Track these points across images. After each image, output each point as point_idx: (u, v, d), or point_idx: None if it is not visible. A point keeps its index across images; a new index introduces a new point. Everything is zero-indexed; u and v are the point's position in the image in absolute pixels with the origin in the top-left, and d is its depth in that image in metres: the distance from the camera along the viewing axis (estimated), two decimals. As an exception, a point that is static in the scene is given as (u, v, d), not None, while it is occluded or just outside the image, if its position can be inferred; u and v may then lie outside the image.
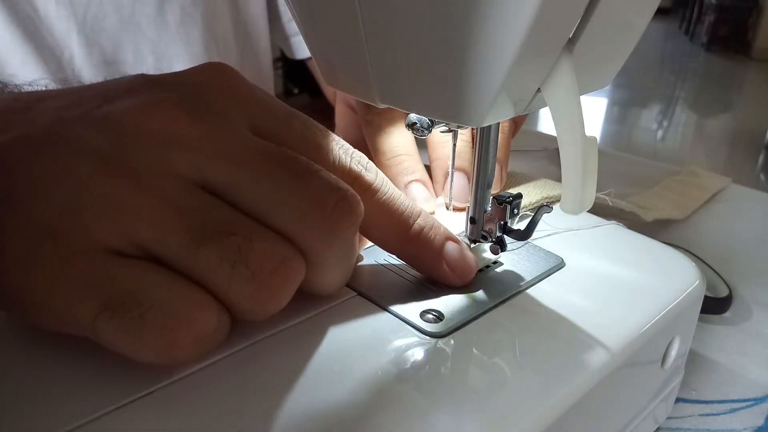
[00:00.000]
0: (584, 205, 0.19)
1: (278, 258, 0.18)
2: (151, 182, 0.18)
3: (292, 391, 0.19)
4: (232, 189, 0.19)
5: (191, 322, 0.17)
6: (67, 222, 0.18)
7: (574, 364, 0.21)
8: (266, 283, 0.18)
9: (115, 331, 0.17)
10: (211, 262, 0.18)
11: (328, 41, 0.22)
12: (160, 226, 0.18)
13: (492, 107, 0.18)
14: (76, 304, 0.18)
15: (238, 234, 0.18)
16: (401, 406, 0.18)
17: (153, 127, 0.19)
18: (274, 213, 0.19)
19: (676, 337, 0.26)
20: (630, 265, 0.27)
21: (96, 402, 0.18)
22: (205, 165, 0.19)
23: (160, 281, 0.18)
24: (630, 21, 0.21)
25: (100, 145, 0.19)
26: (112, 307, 0.17)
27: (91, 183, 0.18)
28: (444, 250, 0.23)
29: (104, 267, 0.18)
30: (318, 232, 0.19)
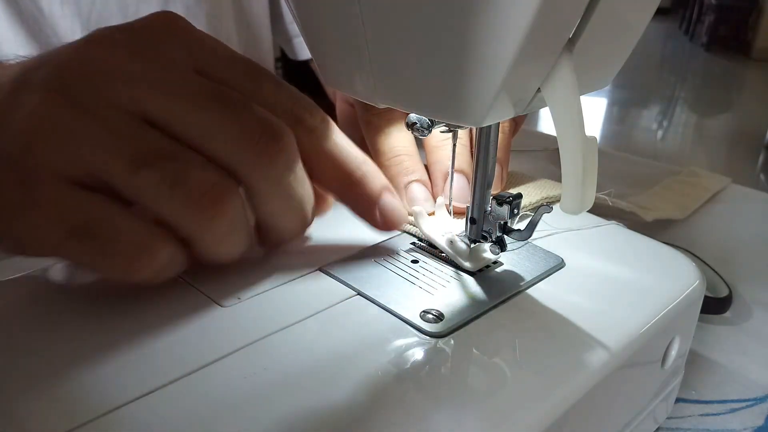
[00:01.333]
0: (584, 205, 0.19)
1: (213, 182, 0.20)
2: (94, 112, 0.20)
3: (292, 390, 0.19)
4: (169, 120, 0.21)
5: (151, 252, 0.20)
6: (23, 149, 0.20)
7: (574, 364, 0.21)
8: (202, 202, 0.20)
9: (83, 254, 0.20)
10: (151, 185, 0.20)
11: (328, 41, 0.22)
12: (103, 152, 0.20)
13: (492, 107, 0.18)
14: (44, 230, 0.20)
15: (174, 159, 0.20)
16: (401, 406, 0.19)
17: (96, 60, 0.21)
18: (208, 144, 0.21)
19: (676, 337, 0.26)
20: (630, 265, 0.27)
21: (96, 402, 0.18)
22: (143, 97, 0.21)
23: (122, 213, 0.20)
24: (630, 21, 0.21)
25: (50, 80, 0.21)
26: (78, 235, 0.20)
27: (41, 112, 0.20)
28: (380, 200, 0.24)
29: (68, 196, 0.20)
30: (249, 162, 0.21)
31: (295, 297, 0.23)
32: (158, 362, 0.20)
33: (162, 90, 0.21)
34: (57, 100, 0.20)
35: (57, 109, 0.20)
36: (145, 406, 0.18)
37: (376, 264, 0.25)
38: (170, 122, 0.21)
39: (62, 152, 0.20)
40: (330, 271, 0.25)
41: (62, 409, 0.18)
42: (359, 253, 0.26)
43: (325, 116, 0.24)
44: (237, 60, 0.23)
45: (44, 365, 0.20)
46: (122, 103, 0.20)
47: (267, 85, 0.23)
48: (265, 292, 0.23)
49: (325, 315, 0.22)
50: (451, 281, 0.24)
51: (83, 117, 0.20)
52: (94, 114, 0.20)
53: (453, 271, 0.25)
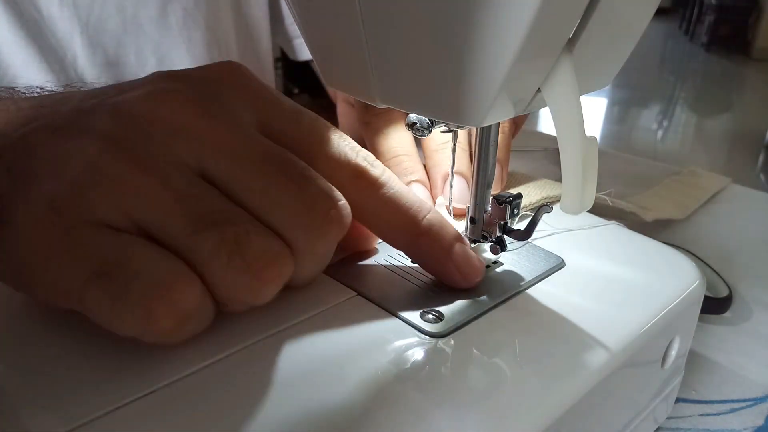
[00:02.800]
0: (584, 205, 0.19)
1: (273, 252, 0.19)
2: (155, 167, 0.19)
3: (293, 391, 0.19)
4: (231, 184, 0.20)
5: (171, 292, 0.18)
6: (73, 198, 0.19)
7: (574, 364, 0.21)
8: (260, 275, 0.19)
9: (100, 299, 0.18)
10: (208, 250, 0.19)
11: (328, 41, 0.22)
12: (160, 209, 0.19)
13: (492, 107, 0.18)
14: (67, 272, 0.18)
15: (235, 225, 0.19)
16: (401, 406, 0.18)
17: (161, 115, 0.20)
18: (268, 211, 0.20)
19: (676, 337, 0.26)
20: (630, 265, 0.27)
21: (96, 402, 0.18)
22: (207, 157, 0.20)
23: (148, 253, 0.18)
24: (630, 21, 0.21)
25: (110, 129, 0.20)
26: (100, 276, 0.18)
27: (99, 163, 0.19)
28: (453, 250, 0.23)
29: (96, 237, 0.19)
30: (307, 235, 0.20)
31: (295, 297, 0.23)
32: (158, 362, 0.20)
33: (225, 151, 0.20)
34: (116, 153, 0.19)
35: (117, 162, 0.19)
36: (145, 406, 0.18)
37: (376, 264, 0.25)
38: (232, 186, 0.20)
39: (115, 205, 0.19)
40: (330, 272, 0.25)
41: (62, 409, 0.18)
42: (359, 253, 0.26)
43: (384, 166, 0.23)
44: (301, 114, 0.23)
45: (44, 365, 0.20)
46: (185, 160, 0.20)
47: (331, 139, 0.22)
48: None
49: (324, 315, 0.22)
50: (451, 281, 0.24)
51: (143, 171, 0.19)
52: (156, 169, 0.19)
53: (453, 271, 0.25)
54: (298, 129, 0.22)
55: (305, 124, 0.22)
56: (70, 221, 0.19)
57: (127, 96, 0.21)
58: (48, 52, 0.45)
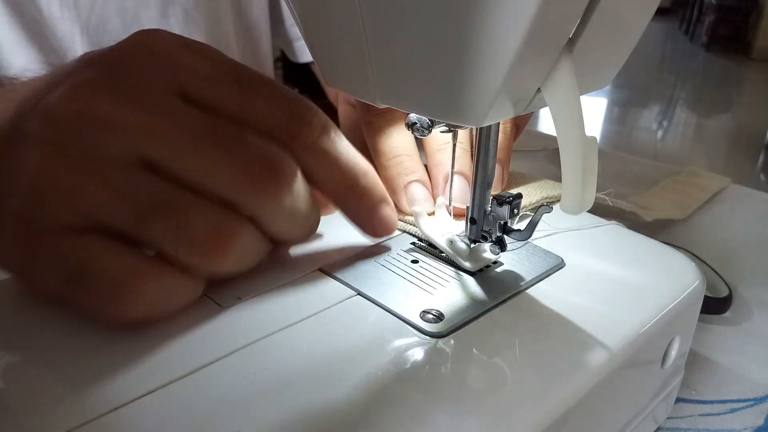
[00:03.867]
0: (584, 205, 0.19)
1: (216, 227, 0.21)
2: (92, 166, 0.20)
3: (292, 390, 0.19)
4: (166, 164, 0.21)
5: (132, 289, 0.20)
6: (31, 210, 0.21)
7: (574, 364, 0.21)
8: (209, 251, 0.21)
9: (77, 300, 0.20)
10: (157, 239, 0.20)
11: (328, 41, 0.22)
12: (107, 208, 0.20)
13: (492, 107, 0.18)
14: (45, 278, 0.21)
15: (176, 207, 0.20)
16: (401, 406, 0.18)
17: (86, 111, 0.21)
18: (208, 185, 0.21)
19: (676, 337, 0.26)
20: (630, 265, 0.27)
21: (96, 402, 0.18)
22: (136, 145, 0.20)
23: (108, 254, 0.20)
24: (630, 21, 0.21)
25: (46, 135, 0.21)
26: (73, 280, 0.20)
27: (42, 172, 0.20)
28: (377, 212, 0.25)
29: (65, 244, 0.20)
30: (250, 199, 0.21)
31: (295, 297, 0.23)
32: (158, 362, 0.20)
33: (153, 135, 0.20)
34: (54, 158, 0.20)
35: (56, 168, 0.20)
36: (145, 406, 0.18)
37: (376, 264, 0.25)
38: (167, 167, 0.21)
39: (68, 209, 0.20)
40: (330, 271, 0.25)
41: (62, 409, 0.18)
42: (359, 253, 0.26)
43: (324, 123, 0.23)
44: (223, 75, 0.22)
45: (44, 365, 0.20)
46: (116, 153, 0.20)
47: (258, 99, 0.22)
48: (264, 292, 0.23)
49: (325, 315, 0.22)
50: (451, 281, 0.24)
51: (83, 173, 0.20)
52: (92, 168, 0.20)
53: (453, 271, 0.25)
54: (221, 91, 0.22)
55: (227, 83, 0.22)
56: (38, 231, 0.20)
57: (55, 95, 0.21)
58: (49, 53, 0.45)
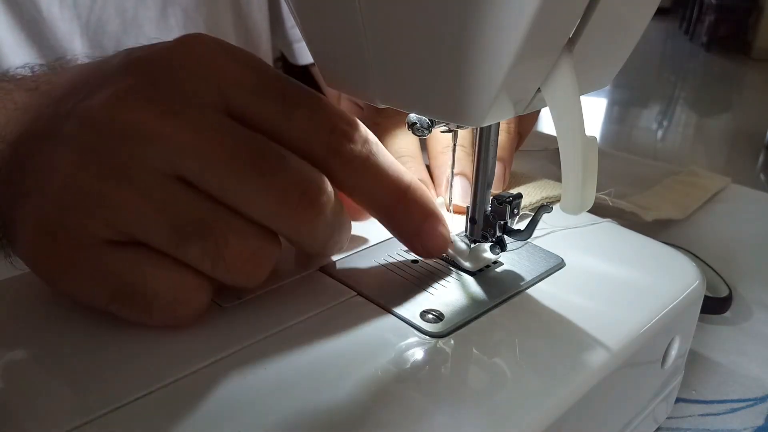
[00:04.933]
0: (584, 205, 0.19)
1: (251, 249, 0.21)
2: (130, 178, 0.20)
3: (292, 391, 0.19)
4: (205, 183, 0.20)
5: (188, 302, 0.21)
6: (61, 218, 0.20)
7: (574, 364, 0.21)
8: (242, 270, 0.21)
9: (126, 314, 0.21)
10: (194, 258, 0.20)
11: (329, 42, 0.22)
12: (142, 222, 0.20)
13: (492, 107, 0.18)
14: (88, 294, 0.21)
15: (214, 230, 0.20)
16: (401, 406, 0.18)
17: (126, 121, 0.20)
18: (245, 207, 0.21)
19: (676, 337, 0.26)
20: (630, 265, 0.27)
21: (96, 402, 0.18)
22: (177, 161, 0.20)
23: (158, 272, 0.20)
24: (630, 21, 0.21)
25: (82, 142, 0.20)
26: (121, 298, 0.20)
27: (76, 181, 0.20)
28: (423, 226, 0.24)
29: (106, 260, 0.20)
30: (287, 225, 0.21)
31: (295, 297, 0.23)
32: (158, 362, 0.20)
33: (193, 154, 0.20)
34: (90, 167, 0.20)
35: (92, 178, 0.20)
36: (145, 407, 0.18)
37: (376, 264, 0.25)
38: (205, 186, 0.20)
39: (101, 222, 0.20)
40: (330, 271, 0.25)
41: (62, 409, 0.18)
42: (359, 253, 0.26)
43: (365, 136, 0.23)
44: (268, 88, 0.22)
45: (44, 365, 0.20)
46: (156, 166, 0.20)
47: (301, 114, 0.22)
48: (264, 292, 0.23)
49: (325, 315, 0.22)
50: (451, 281, 0.24)
51: (119, 185, 0.20)
52: (129, 181, 0.20)
53: (453, 271, 0.25)
54: (265, 106, 0.21)
55: (271, 98, 0.22)
56: (69, 243, 0.20)
57: (94, 100, 0.20)
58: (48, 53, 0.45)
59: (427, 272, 0.25)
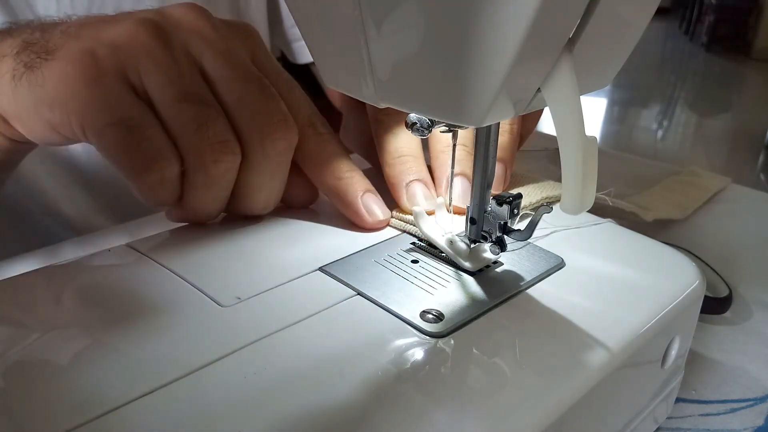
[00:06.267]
0: (584, 205, 0.19)
1: (228, 137, 0.26)
2: (171, 48, 0.27)
3: (292, 390, 0.19)
4: (218, 81, 0.27)
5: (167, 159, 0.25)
6: (109, 52, 0.26)
7: (574, 364, 0.21)
8: (214, 147, 0.26)
9: (116, 142, 0.25)
10: (185, 117, 0.26)
11: (329, 42, 0.22)
12: (163, 76, 0.26)
13: (492, 107, 0.18)
14: (95, 109, 0.25)
15: (209, 107, 0.26)
16: (401, 406, 0.18)
17: (185, 18, 0.28)
18: (238, 108, 0.27)
19: (676, 337, 0.26)
20: (630, 266, 0.27)
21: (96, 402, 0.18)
22: (209, 55, 0.27)
23: (157, 127, 0.26)
24: (630, 21, 0.21)
25: (145, 17, 0.27)
26: (121, 126, 0.25)
27: (133, 31, 0.27)
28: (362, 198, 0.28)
29: (123, 94, 0.26)
30: (258, 138, 0.27)
31: (295, 297, 0.23)
32: (158, 362, 0.20)
33: (223, 57, 0.27)
34: (151, 30, 0.27)
35: (146, 33, 0.26)
36: (145, 407, 0.18)
37: (376, 264, 0.25)
38: (217, 83, 0.27)
39: (136, 63, 0.26)
40: (330, 271, 0.25)
41: (62, 409, 0.18)
42: (359, 253, 0.26)
43: (332, 131, 0.30)
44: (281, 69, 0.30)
45: (44, 365, 0.20)
46: (191, 51, 0.27)
47: (297, 92, 0.30)
48: (264, 292, 0.23)
49: (324, 315, 0.22)
50: (451, 281, 0.24)
51: (164, 49, 0.26)
52: (172, 50, 0.26)
53: (453, 271, 0.25)
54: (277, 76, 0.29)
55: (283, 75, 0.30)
56: (103, 69, 0.26)
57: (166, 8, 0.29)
58: None
59: (427, 272, 0.25)
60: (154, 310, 0.22)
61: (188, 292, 0.23)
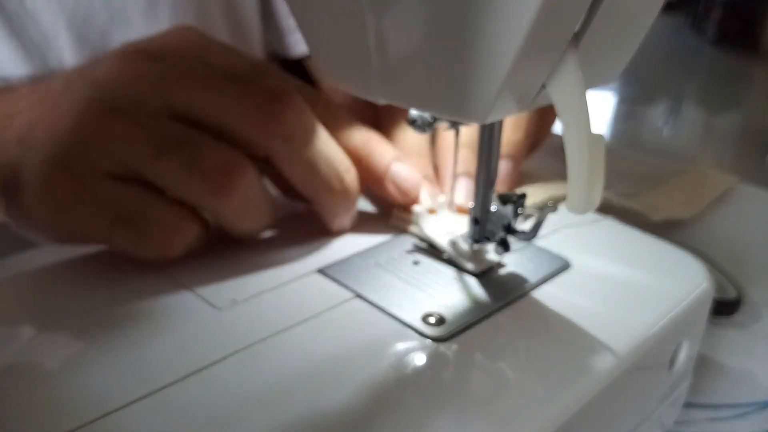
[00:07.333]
0: (591, 204, 0.19)
1: (226, 161, 0.23)
2: (127, 114, 0.24)
3: (290, 395, 0.19)
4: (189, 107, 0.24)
5: (182, 233, 0.24)
6: (68, 149, 0.24)
7: (580, 368, 0.21)
8: (218, 180, 0.23)
9: (125, 240, 0.24)
10: (171, 169, 0.23)
11: (328, 36, 0.22)
12: (133, 145, 0.23)
13: (496, 103, 0.18)
14: (91, 219, 0.24)
15: (189, 144, 0.23)
16: (401, 412, 0.18)
17: (124, 70, 0.24)
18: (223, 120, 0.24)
19: (684, 340, 0.25)
20: (636, 267, 0.26)
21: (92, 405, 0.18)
22: (166, 92, 0.24)
23: (154, 200, 0.24)
24: (636, 15, 0.20)
25: (89, 91, 0.24)
26: (122, 222, 0.23)
27: (83, 118, 0.24)
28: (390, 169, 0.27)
29: (109, 190, 0.23)
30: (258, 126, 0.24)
31: (293, 299, 0.23)
32: (152, 366, 0.20)
33: (181, 84, 0.24)
34: (96, 107, 0.24)
35: (96, 114, 0.24)
36: (142, 410, 0.18)
37: (376, 266, 0.25)
38: (190, 109, 0.24)
39: (102, 150, 0.23)
40: (329, 273, 0.24)
41: (56, 413, 0.18)
42: (359, 254, 0.26)
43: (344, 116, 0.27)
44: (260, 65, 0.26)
45: (38, 368, 0.20)
46: (149, 101, 0.24)
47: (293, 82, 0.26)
48: (261, 294, 0.23)
49: (323, 318, 0.22)
50: (454, 283, 0.24)
51: (118, 119, 0.23)
52: (127, 115, 0.23)
53: (455, 272, 0.25)
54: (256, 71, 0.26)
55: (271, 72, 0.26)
56: (79, 175, 0.23)
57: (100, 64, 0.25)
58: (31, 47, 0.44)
59: (428, 274, 0.25)
60: (147, 313, 0.22)
61: (182, 295, 0.23)
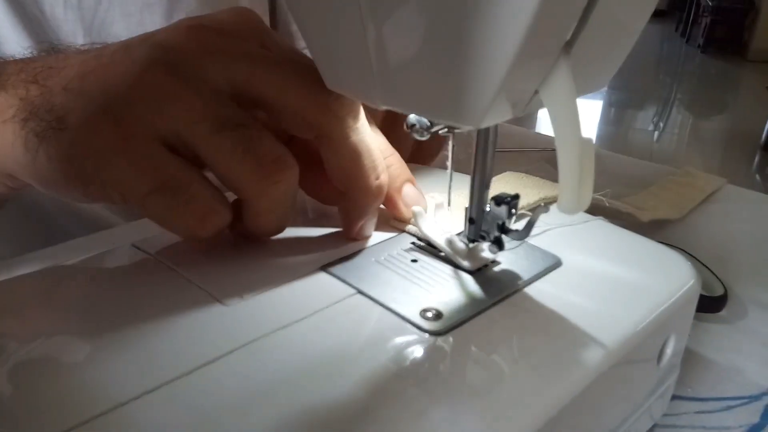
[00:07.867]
0: (581, 205, 0.20)
1: (279, 152, 0.24)
2: (189, 82, 0.23)
3: (292, 388, 0.19)
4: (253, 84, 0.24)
5: (218, 212, 0.24)
6: (124, 105, 0.23)
7: (571, 362, 0.21)
8: (270, 167, 0.23)
9: (162, 208, 0.23)
10: (227, 146, 0.23)
11: (328, 43, 0.22)
12: (192, 114, 0.23)
13: (490, 108, 0.19)
14: (132, 181, 0.23)
15: (250, 129, 0.23)
16: (400, 403, 0.19)
17: (192, 41, 0.24)
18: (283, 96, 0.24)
19: (672, 336, 0.26)
20: (626, 265, 0.27)
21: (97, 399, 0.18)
22: (230, 73, 0.24)
23: (201, 180, 0.23)
24: (627, 23, 0.21)
25: (154, 53, 0.24)
26: (163, 191, 0.23)
27: (146, 77, 0.23)
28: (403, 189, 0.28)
29: (158, 155, 0.23)
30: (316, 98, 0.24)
31: (297, 296, 0.23)
32: (160, 360, 0.20)
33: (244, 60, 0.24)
34: (160, 68, 0.23)
35: (159, 76, 0.23)
36: (147, 404, 0.18)
37: (376, 263, 0.26)
38: (252, 84, 0.24)
39: (158, 113, 0.23)
40: (331, 270, 0.25)
41: (62, 408, 0.18)
42: (360, 252, 0.26)
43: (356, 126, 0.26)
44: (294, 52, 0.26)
45: (44, 364, 0.20)
46: (213, 74, 0.24)
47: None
48: (267, 291, 0.23)
49: (325, 313, 0.22)
50: (450, 280, 0.25)
51: (180, 85, 0.23)
52: (189, 84, 0.23)
53: (452, 270, 0.25)
54: None
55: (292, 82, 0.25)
56: (128, 132, 0.23)
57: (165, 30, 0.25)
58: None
59: (426, 271, 0.25)
60: (157, 308, 0.22)
61: (192, 292, 0.23)
